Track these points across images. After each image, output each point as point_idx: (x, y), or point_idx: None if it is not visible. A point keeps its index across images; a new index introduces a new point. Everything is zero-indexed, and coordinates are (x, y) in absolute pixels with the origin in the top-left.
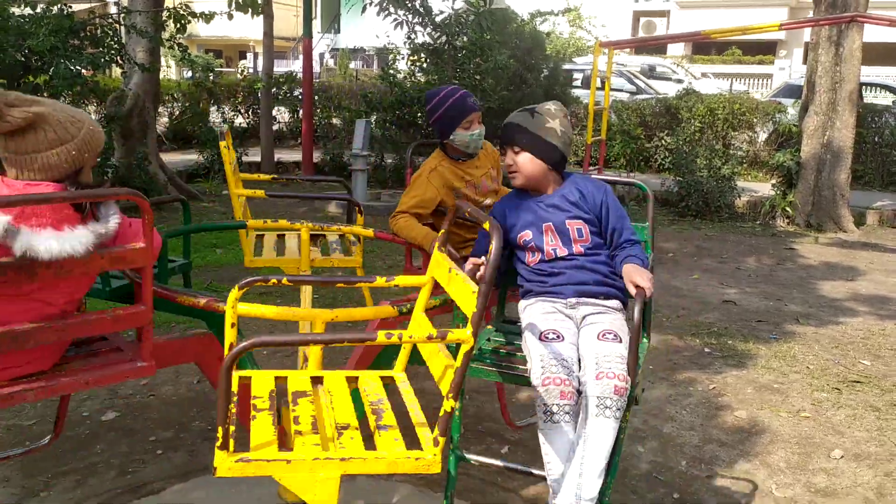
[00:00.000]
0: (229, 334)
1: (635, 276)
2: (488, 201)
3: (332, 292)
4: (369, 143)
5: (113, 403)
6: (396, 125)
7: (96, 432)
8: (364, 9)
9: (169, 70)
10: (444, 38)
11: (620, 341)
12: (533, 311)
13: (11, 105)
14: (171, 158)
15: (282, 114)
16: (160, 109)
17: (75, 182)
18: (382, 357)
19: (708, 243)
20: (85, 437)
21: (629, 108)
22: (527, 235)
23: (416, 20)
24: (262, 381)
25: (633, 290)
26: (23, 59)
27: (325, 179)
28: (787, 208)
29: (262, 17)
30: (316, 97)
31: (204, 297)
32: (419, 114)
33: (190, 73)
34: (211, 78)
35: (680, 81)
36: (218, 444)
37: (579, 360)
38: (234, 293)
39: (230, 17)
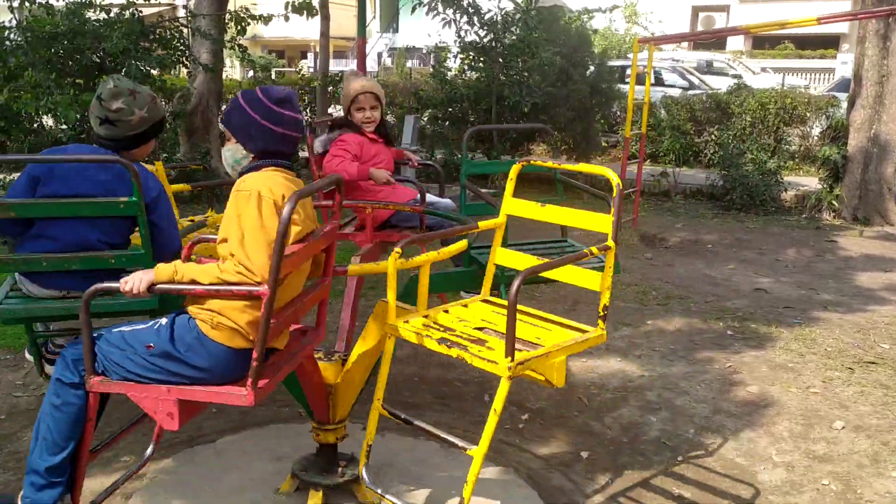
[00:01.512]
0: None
1: None
2: None
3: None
4: (419, 138)
5: None
6: (447, 121)
7: None
8: (413, 9)
9: (233, 70)
10: (491, 37)
11: None
12: None
13: None
14: None
15: (338, 111)
16: (223, 107)
17: None
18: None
19: (749, 235)
20: None
21: (679, 104)
22: None
23: (463, 19)
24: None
25: None
26: (98, 60)
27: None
28: (834, 202)
29: (319, 18)
30: None
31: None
32: (469, 111)
33: (251, 73)
34: (272, 77)
35: (738, 77)
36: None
37: None
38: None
39: (286, 18)
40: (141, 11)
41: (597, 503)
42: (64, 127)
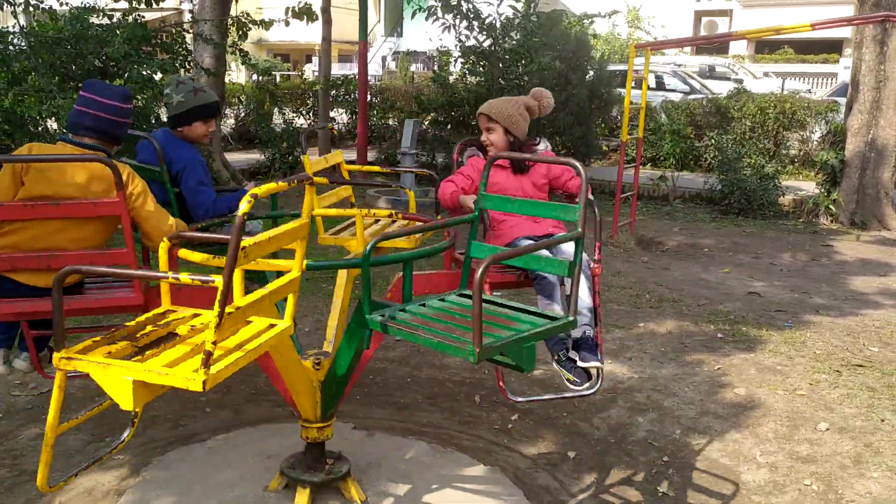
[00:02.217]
0: None
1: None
2: None
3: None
4: (418, 142)
5: None
6: (448, 124)
7: None
8: (414, 14)
9: (239, 73)
10: (490, 41)
11: None
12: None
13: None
14: (236, 157)
15: (340, 115)
16: (227, 111)
17: None
18: None
19: (745, 239)
20: None
21: (679, 108)
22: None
23: (463, 24)
24: None
25: None
26: (101, 64)
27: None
28: (831, 206)
29: (323, 22)
30: (374, 99)
31: None
32: (470, 114)
33: (254, 76)
34: (276, 80)
35: (740, 81)
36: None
37: None
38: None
39: (287, 24)
40: (143, 16)
41: (582, 502)
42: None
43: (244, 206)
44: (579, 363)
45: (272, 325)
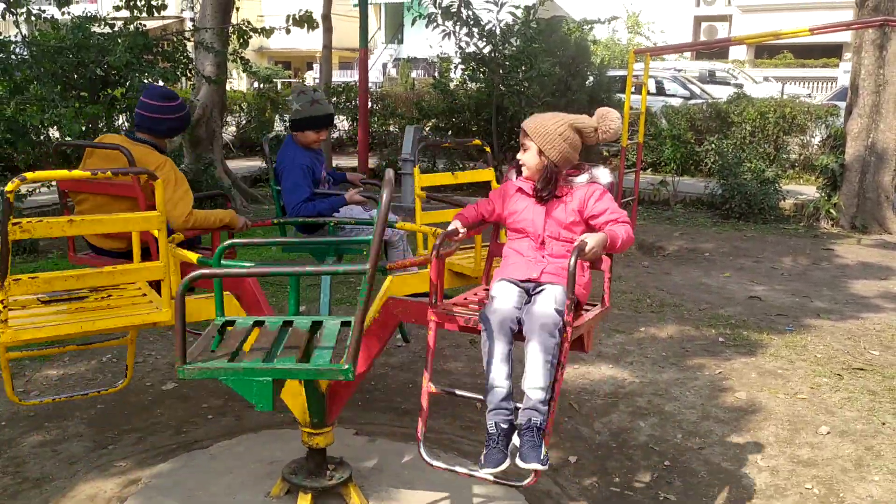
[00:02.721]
0: None
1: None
2: None
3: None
4: (419, 148)
5: (172, 376)
6: (449, 131)
7: (157, 399)
8: (414, 21)
9: (240, 81)
10: (490, 48)
11: None
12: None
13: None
14: (238, 165)
15: (341, 122)
16: (228, 119)
17: None
18: None
19: (746, 244)
20: (147, 403)
21: (679, 113)
22: (324, 174)
23: (463, 31)
24: None
25: None
26: (102, 73)
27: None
28: (832, 210)
29: (323, 30)
30: (375, 106)
31: None
32: (470, 120)
33: (256, 84)
34: (278, 87)
35: (740, 86)
36: None
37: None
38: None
39: (287, 31)
40: (144, 25)
41: None
42: (69, 139)
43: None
44: (518, 461)
45: None
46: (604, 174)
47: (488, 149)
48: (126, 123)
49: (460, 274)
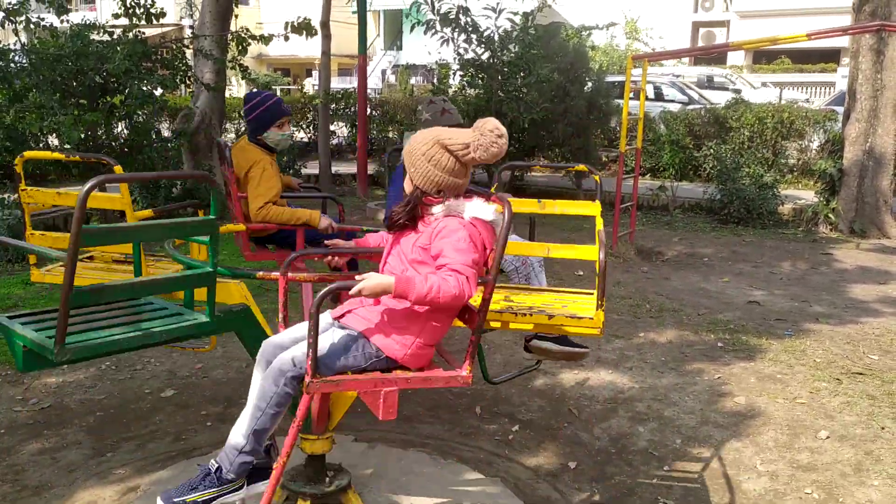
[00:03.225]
0: None
1: None
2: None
3: None
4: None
5: (171, 383)
6: None
7: (156, 406)
8: (413, 27)
9: (240, 88)
10: (488, 54)
11: None
12: None
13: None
14: None
15: (341, 128)
16: (227, 126)
17: None
18: None
19: (745, 248)
20: (146, 410)
21: (678, 119)
22: None
23: (461, 37)
24: None
25: None
26: (101, 80)
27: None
28: (830, 215)
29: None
30: (374, 112)
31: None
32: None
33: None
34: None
35: (738, 91)
36: (600, 307)
37: None
38: None
39: (286, 38)
40: (143, 32)
41: None
42: (68, 146)
43: None
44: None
45: None
46: (477, 209)
47: (597, 177)
48: (125, 130)
49: None
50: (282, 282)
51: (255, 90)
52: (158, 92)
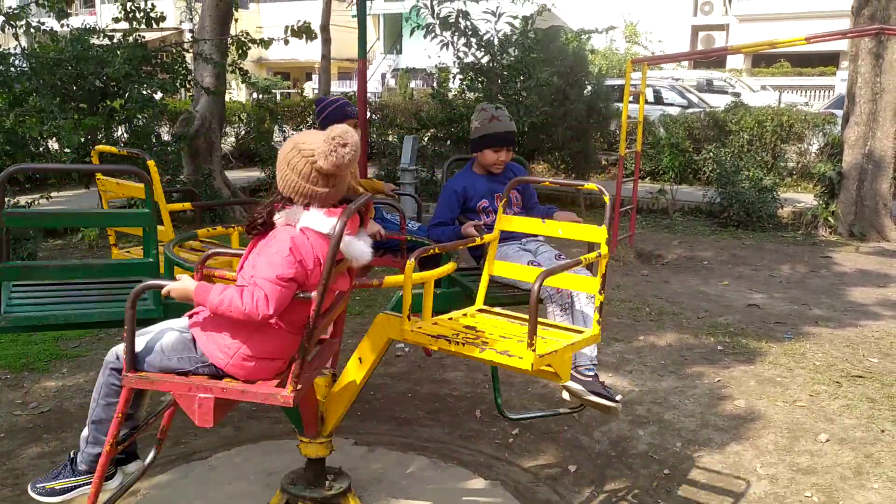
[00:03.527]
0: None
1: (570, 216)
2: (361, 189)
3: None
4: (417, 158)
5: None
6: (448, 140)
7: (156, 410)
8: (412, 31)
9: (239, 92)
10: (488, 58)
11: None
12: (506, 251)
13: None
14: (237, 175)
15: None
16: (227, 129)
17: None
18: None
19: (744, 252)
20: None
21: (678, 122)
22: (484, 203)
23: (461, 41)
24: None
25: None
26: (101, 85)
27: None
28: (830, 218)
29: (322, 40)
30: (374, 116)
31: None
32: (469, 131)
33: (254, 94)
34: (276, 98)
35: (737, 95)
36: (531, 348)
37: None
38: (411, 263)
39: (286, 42)
40: (143, 37)
41: None
42: (67, 150)
43: None
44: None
45: None
46: (311, 219)
47: (606, 198)
48: (125, 134)
49: None
50: (196, 277)
51: (325, 96)
52: (158, 96)
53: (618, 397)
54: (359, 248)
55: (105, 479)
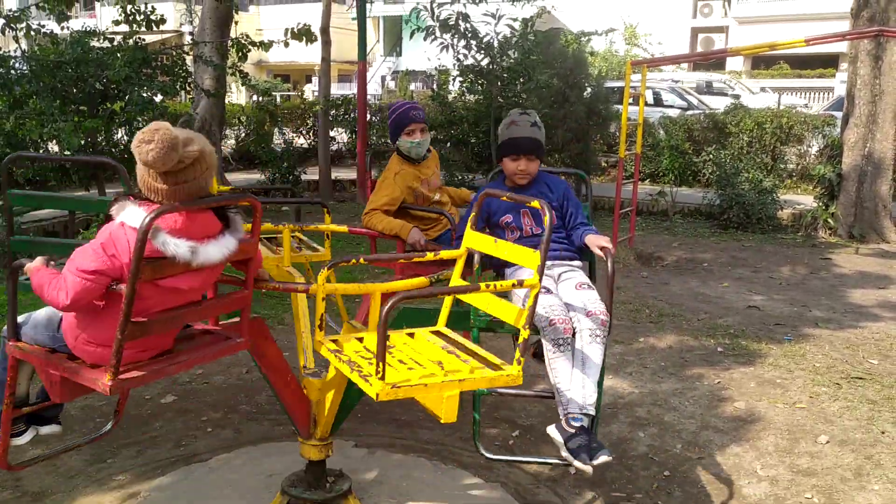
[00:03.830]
0: (320, 307)
1: (600, 240)
2: (437, 196)
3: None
4: None
5: (172, 389)
6: (448, 142)
7: (156, 412)
8: (412, 34)
9: (239, 94)
10: (488, 60)
11: (593, 289)
12: (522, 274)
13: (186, 144)
14: (237, 177)
15: (341, 135)
16: (227, 132)
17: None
18: (408, 317)
19: (744, 254)
20: (146, 416)
21: (677, 124)
22: (508, 218)
23: (461, 43)
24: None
25: (599, 252)
26: (101, 87)
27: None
28: (829, 220)
29: (322, 43)
30: (374, 118)
31: (298, 284)
32: (469, 132)
33: (254, 97)
34: (276, 100)
35: (737, 97)
36: (378, 376)
37: (566, 305)
38: (324, 273)
39: (286, 45)
40: (143, 39)
41: None
42: (68, 152)
43: None
44: None
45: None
46: (128, 214)
47: (546, 216)
48: (125, 137)
49: None
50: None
51: (398, 100)
52: (158, 98)
53: (602, 457)
54: (184, 248)
55: (13, 434)
